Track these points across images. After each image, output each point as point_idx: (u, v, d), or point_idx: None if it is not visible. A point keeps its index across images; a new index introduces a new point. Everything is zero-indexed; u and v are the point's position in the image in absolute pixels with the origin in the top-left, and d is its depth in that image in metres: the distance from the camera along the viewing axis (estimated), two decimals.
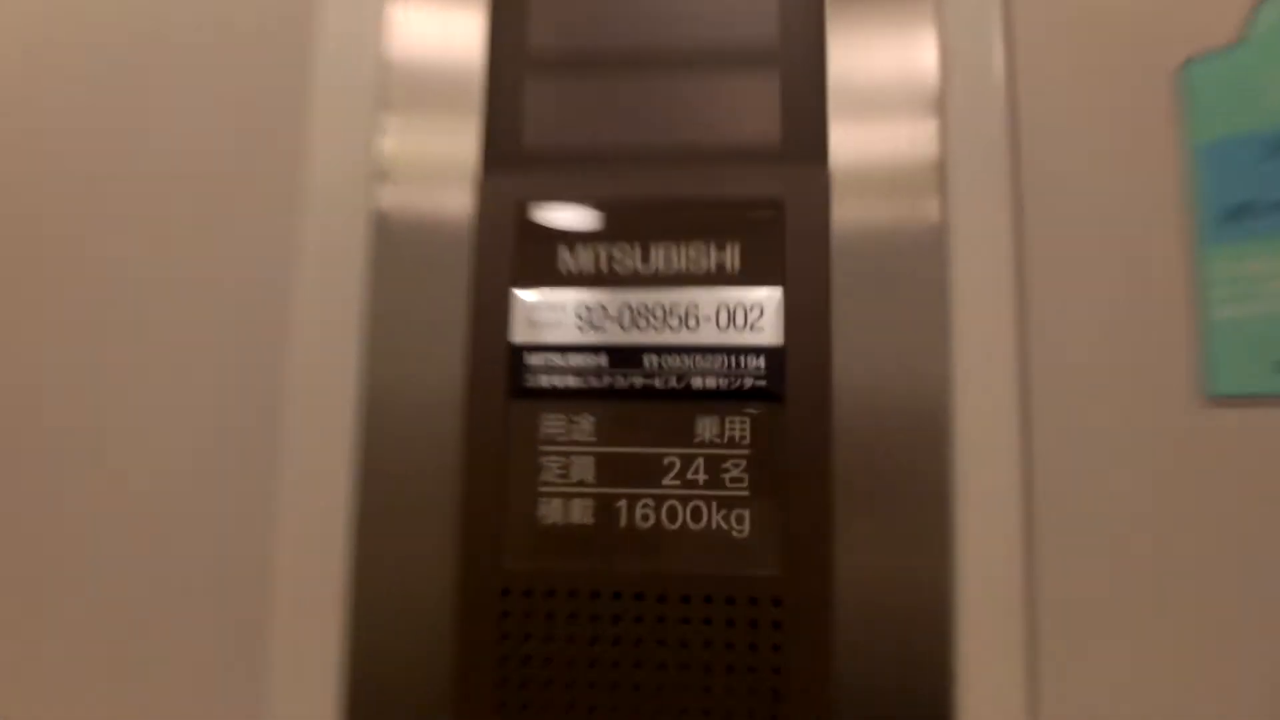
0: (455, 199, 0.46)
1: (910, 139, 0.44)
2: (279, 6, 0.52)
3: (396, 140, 0.47)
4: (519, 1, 0.48)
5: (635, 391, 0.44)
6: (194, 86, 0.52)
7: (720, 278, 0.44)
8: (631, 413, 0.44)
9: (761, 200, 0.44)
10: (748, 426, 0.43)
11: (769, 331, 0.43)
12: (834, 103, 0.45)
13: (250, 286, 0.49)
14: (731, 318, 0.44)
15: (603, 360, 0.44)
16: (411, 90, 0.48)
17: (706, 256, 0.44)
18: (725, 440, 0.43)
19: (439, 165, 0.47)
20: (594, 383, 0.44)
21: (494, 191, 0.46)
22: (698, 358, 0.44)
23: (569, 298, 0.45)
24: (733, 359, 0.43)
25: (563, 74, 0.47)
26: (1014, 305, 0.42)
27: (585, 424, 0.44)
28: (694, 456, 0.43)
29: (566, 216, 0.46)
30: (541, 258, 0.45)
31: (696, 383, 0.43)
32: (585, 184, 0.46)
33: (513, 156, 0.47)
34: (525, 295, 0.45)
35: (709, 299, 0.44)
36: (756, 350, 0.43)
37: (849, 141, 0.44)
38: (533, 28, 0.48)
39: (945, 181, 0.43)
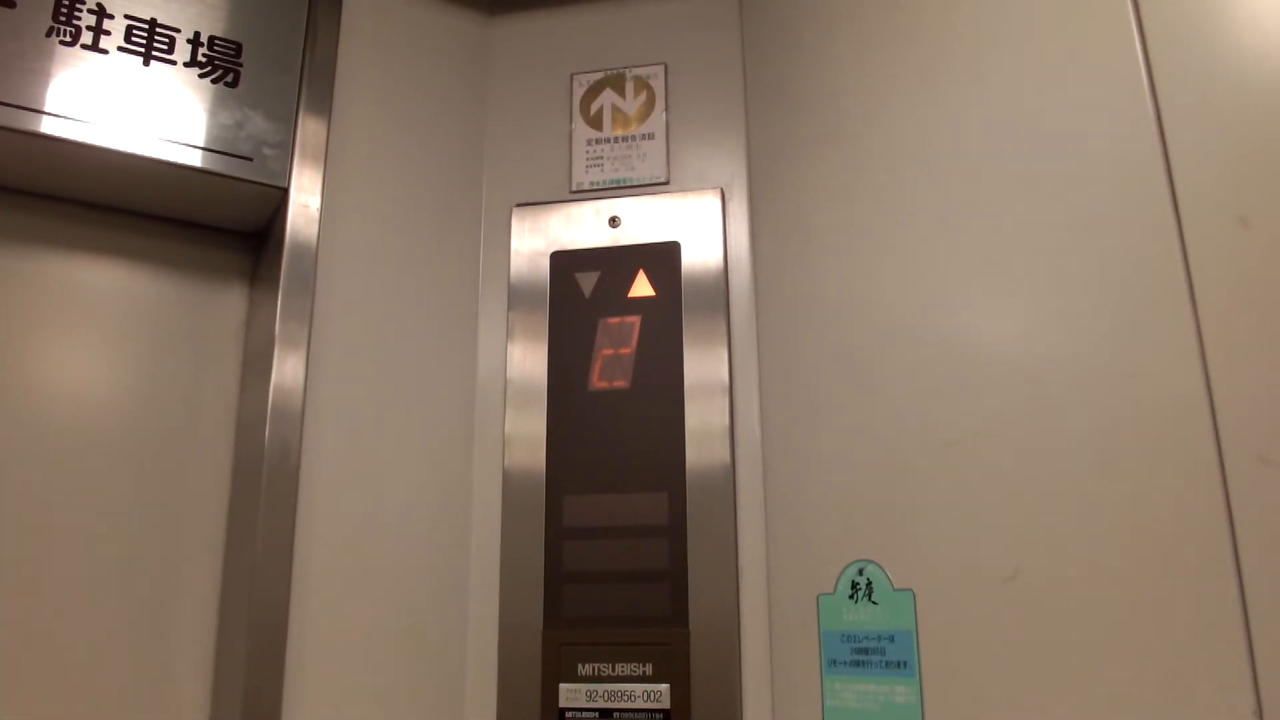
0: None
1: None
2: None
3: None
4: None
5: None
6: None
7: (642, 678, 1.08)
8: None
9: (659, 642, 1.08)
10: None
11: (664, 702, 1.06)
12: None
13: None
14: (648, 695, 1.07)
15: (595, 716, 1.07)
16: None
17: (639, 668, 1.08)
18: None
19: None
20: None
21: (549, 638, 1.11)
22: (633, 713, 1.07)
23: (581, 687, 1.08)
24: (649, 714, 1.06)
25: (580, 580, 1.12)
26: None
27: None
28: None
29: (581, 649, 1.10)
30: (570, 668, 1.09)
31: None
32: (590, 636, 1.10)
33: (557, 620, 1.11)
34: (564, 685, 1.09)
35: (640, 689, 1.07)
36: (662, 710, 1.06)
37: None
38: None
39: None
